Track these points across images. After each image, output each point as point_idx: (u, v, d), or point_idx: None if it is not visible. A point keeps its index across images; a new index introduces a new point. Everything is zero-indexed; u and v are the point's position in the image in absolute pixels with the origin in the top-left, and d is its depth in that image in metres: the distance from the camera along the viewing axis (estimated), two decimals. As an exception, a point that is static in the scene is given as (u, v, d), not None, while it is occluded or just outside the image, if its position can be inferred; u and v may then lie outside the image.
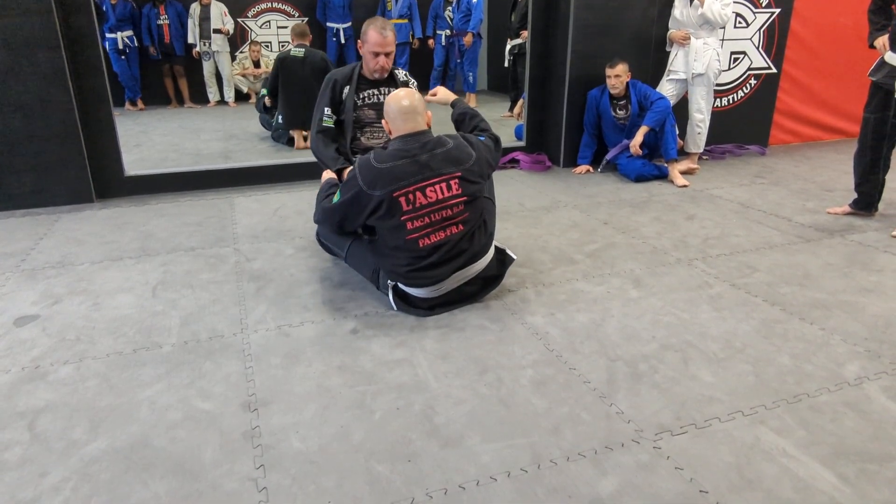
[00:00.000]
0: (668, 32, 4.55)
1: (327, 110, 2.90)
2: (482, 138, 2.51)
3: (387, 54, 2.84)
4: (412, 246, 2.26)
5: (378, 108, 2.94)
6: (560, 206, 3.77)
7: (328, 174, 2.75)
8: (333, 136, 2.93)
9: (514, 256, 2.57)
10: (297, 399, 1.85)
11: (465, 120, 2.69)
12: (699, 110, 4.55)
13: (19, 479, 1.54)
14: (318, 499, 1.47)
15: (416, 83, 3.08)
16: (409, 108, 2.30)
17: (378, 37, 2.79)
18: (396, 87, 3.00)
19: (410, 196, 2.22)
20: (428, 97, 2.77)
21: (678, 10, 4.46)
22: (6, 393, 1.89)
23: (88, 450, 1.64)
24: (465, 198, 2.29)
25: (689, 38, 4.40)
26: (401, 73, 3.05)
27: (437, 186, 2.25)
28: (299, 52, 5.16)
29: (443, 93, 2.83)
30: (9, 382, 1.95)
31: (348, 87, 2.93)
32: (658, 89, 4.52)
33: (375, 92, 2.96)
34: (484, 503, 1.46)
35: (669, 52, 4.59)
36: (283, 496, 1.48)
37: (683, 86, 4.57)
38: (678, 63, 4.51)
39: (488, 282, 2.49)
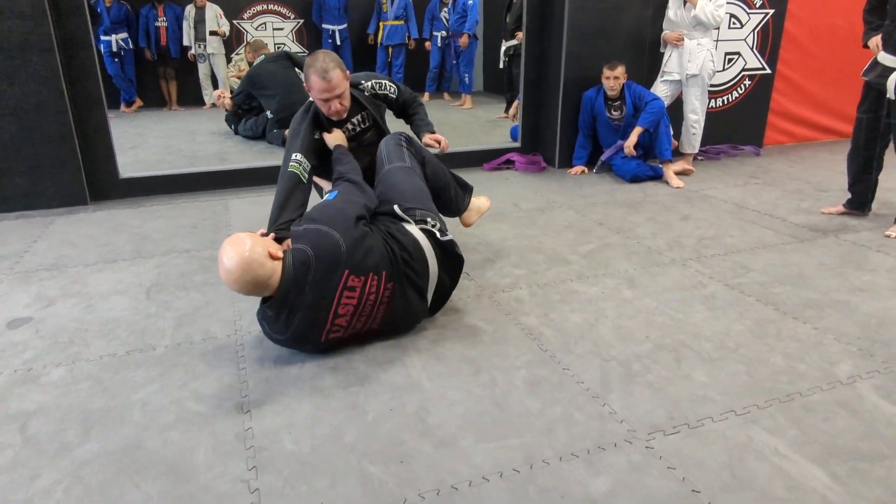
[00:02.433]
0: (662, 33, 4.56)
1: (297, 155, 2.42)
2: (332, 194, 2.18)
3: (338, 96, 2.43)
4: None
5: (354, 139, 2.68)
6: (555, 206, 3.78)
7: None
8: (301, 188, 2.40)
9: (462, 255, 2.31)
10: (289, 400, 1.85)
11: (334, 166, 2.44)
12: (693, 111, 4.55)
13: (10, 481, 1.54)
14: (310, 500, 1.47)
15: (392, 88, 2.73)
16: (242, 283, 1.87)
17: (320, 82, 2.37)
18: (364, 112, 2.66)
19: (330, 326, 2.02)
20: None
21: (672, 11, 4.46)
22: (-2, 395, 1.89)
23: (80, 452, 1.64)
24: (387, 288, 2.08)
25: (683, 39, 4.41)
26: (367, 86, 2.67)
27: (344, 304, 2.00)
28: (261, 58, 5.85)
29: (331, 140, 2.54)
30: (1, 385, 1.94)
31: (318, 132, 2.57)
32: (652, 90, 4.53)
33: (348, 126, 2.64)
34: (476, 503, 1.46)
35: (663, 53, 4.60)
36: (275, 497, 1.48)
37: (678, 87, 4.57)
38: (672, 64, 4.52)
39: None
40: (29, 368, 2.04)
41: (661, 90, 4.54)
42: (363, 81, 2.68)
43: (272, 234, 2.10)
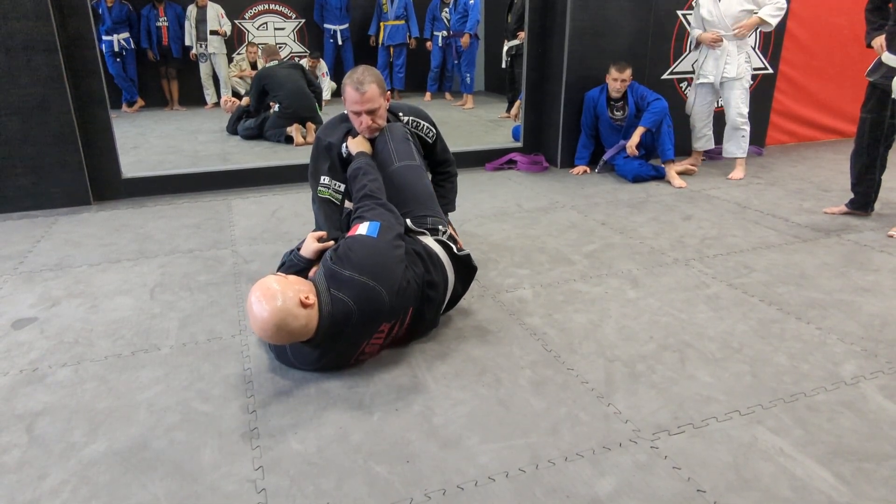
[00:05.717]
0: (695, 34, 4.34)
1: (325, 179, 2.43)
2: (372, 226, 2.02)
3: (369, 112, 2.34)
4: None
5: None
6: (557, 206, 3.78)
7: (313, 240, 2.20)
8: (335, 209, 2.44)
9: (476, 266, 2.32)
10: (295, 400, 1.86)
11: (356, 178, 2.27)
12: (740, 114, 4.32)
13: (18, 481, 1.54)
14: (317, 500, 1.48)
15: (431, 133, 2.63)
16: (277, 338, 1.82)
17: (354, 93, 2.31)
18: None
19: (354, 361, 2.04)
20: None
21: (706, 10, 4.19)
22: (4, 395, 1.89)
23: (87, 452, 1.64)
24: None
25: (721, 41, 4.19)
26: (404, 119, 2.57)
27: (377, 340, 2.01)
28: (273, 63, 5.94)
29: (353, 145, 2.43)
30: (7, 385, 1.95)
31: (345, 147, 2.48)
32: (691, 95, 4.47)
33: None
34: (482, 503, 1.47)
35: (691, 53, 4.35)
36: (282, 497, 1.48)
37: (714, 90, 4.40)
38: (708, 67, 4.30)
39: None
40: (35, 368, 2.04)
41: (699, 95, 4.40)
42: (402, 112, 2.59)
43: (331, 242, 2.19)
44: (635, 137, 4.22)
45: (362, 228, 2.03)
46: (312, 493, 1.50)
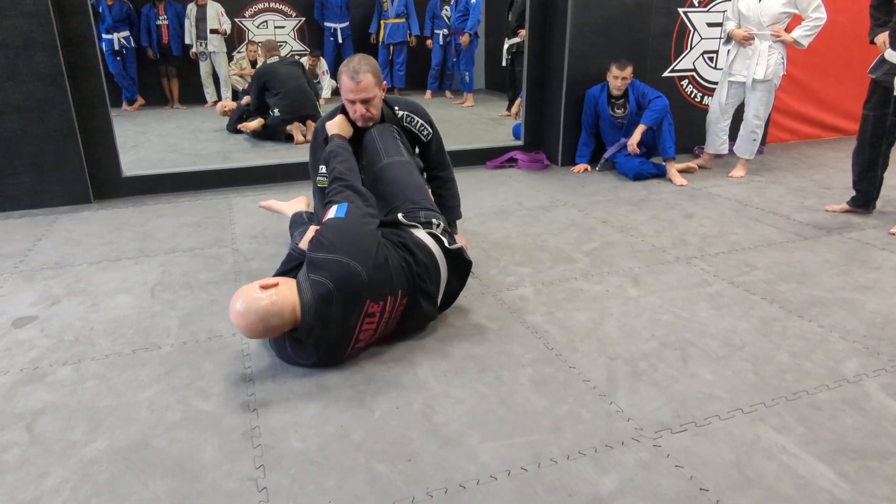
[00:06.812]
0: (729, 26, 4.22)
1: (323, 168, 2.47)
2: (340, 208, 2.07)
3: (364, 101, 2.40)
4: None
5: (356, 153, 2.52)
6: (558, 204, 3.77)
7: (313, 232, 2.19)
8: None
9: (470, 259, 2.30)
10: (296, 399, 1.85)
11: (328, 162, 2.34)
12: (757, 116, 4.22)
13: (18, 480, 1.54)
14: (318, 498, 1.47)
15: (427, 131, 2.63)
16: (253, 328, 1.87)
17: (349, 82, 2.37)
18: None
19: (351, 350, 2.03)
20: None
21: (744, 3, 4.03)
22: (5, 394, 1.89)
23: (88, 451, 1.64)
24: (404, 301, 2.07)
25: (753, 39, 4.06)
26: (400, 114, 2.59)
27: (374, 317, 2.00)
28: (274, 59, 5.85)
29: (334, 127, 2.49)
30: (7, 384, 1.94)
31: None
32: (716, 94, 4.42)
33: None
34: (484, 502, 1.46)
35: (728, 49, 4.25)
36: (283, 496, 1.48)
37: (742, 89, 4.30)
38: (737, 66, 4.20)
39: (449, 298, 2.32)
40: (35, 367, 2.04)
41: (723, 95, 4.32)
42: (398, 107, 2.60)
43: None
44: (636, 135, 4.21)
45: (331, 212, 2.08)
46: (314, 491, 1.49)
